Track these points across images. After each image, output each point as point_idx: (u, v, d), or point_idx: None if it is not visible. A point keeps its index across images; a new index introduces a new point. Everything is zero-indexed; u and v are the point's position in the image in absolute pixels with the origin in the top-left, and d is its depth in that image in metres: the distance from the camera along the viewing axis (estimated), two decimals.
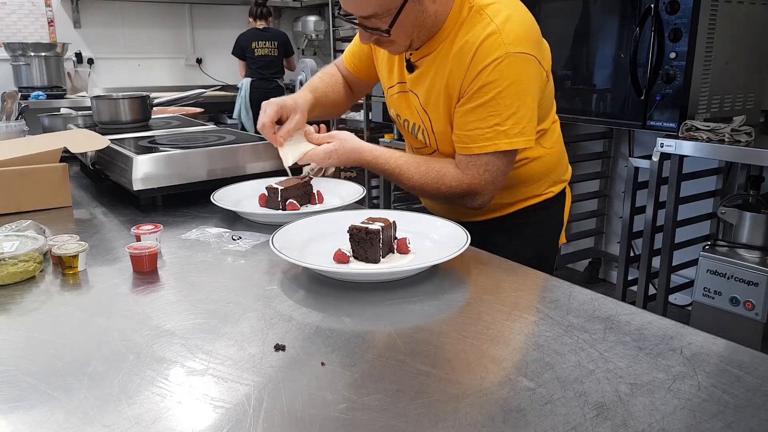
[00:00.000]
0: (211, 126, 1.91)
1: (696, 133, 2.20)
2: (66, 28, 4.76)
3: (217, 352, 0.74)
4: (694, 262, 2.31)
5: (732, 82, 2.41)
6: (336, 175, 1.48)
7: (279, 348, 0.74)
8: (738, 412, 0.61)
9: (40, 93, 4.17)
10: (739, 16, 2.35)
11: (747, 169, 2.60)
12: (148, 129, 1.79)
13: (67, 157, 1.40)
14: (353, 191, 1.35)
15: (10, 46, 4.29)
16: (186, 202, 1.38)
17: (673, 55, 2.26)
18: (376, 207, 3.95)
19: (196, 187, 1.39)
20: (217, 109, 4.86)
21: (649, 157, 2.41)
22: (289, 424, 0.60)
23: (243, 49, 4.71)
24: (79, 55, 4.79)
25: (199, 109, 2.59)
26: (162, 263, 1.04)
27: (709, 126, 2.17)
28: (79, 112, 2.02)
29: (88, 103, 3.59)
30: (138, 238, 1.06)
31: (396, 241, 1.02)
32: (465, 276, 0.99)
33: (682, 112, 2.28)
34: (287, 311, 0.85)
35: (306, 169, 1.39)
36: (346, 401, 0.63)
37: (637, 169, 2.58)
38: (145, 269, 0.99)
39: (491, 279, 0.98)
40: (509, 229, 1.35)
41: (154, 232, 1.08)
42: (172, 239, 1.15)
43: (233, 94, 4.86)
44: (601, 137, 3.30)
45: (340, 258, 0.98)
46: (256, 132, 1.41)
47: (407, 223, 1.10)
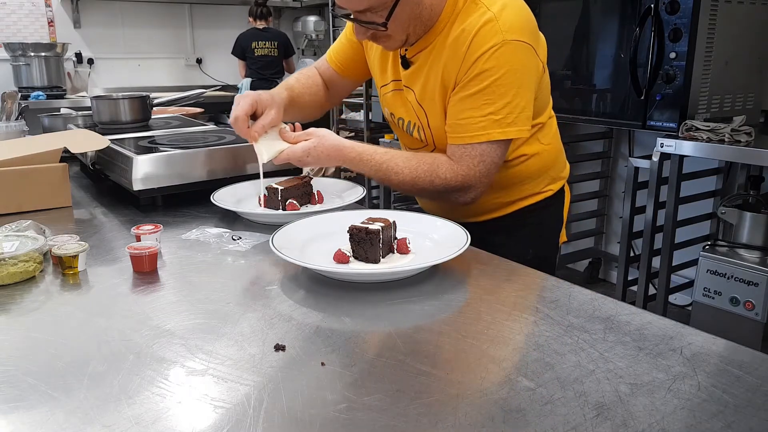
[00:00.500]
0: (211, 126, 1.91)
1: (696, 133, 2.20)
2: (66, 28, 4.76)
3: (217, 352, 0.74)
4: (694, 262, 2.31)
5: (732, 82, 2.41)
6: (336, 175, 1.48)
7: (279, 348, 0.74)
8: (738, 412, 0.61)
9: (40, 93, 4.17)
10: (739, 16, 2.35)
11: (747, 169, 2.60)
12: (148, 129, 1.79)
13: (67, 157, 1.40)
14: (353, 191, 1.35)
15: (10, 46, 4.29)
16: (186, 202, 1.38)
17: (673, 55, 2.26)
18: (376, 207, 3.95)
19: (196, 187, 1.39)
20: (217, 109, 4.85)
21: (649, 157, 2.41)
22: (289, 424, 0.60)
23: (243, 49, 4.71)
24: (79, 55, 4.79)
25: (199, 109, 2.59)
26: (162, 263, 1.04)
27: (709, 126, 2.17)
28: (79, 112, 2.02)
29: (88, 103, 3.59)
30: (138, 238, 1.06)
31: (396, 241, 1.02)
32: (465, 276, 0.99)
33: (682, 112, 2.28)
34: (287, 311, 0.85)
35: (306, 168, 1.39)
36: (346, 401, 0.63)
37: (637, 169, 2.57)
38: (145, 269, 0.99)
39: (491, 279, 0.98)
40: (509, 229, 1.34)
41: (154, 232, 1.08)
42: (172, 239, 1.15)
43: (233, 94, 4.83)
44: (601, 137, 3.30)
45: (340, 258, 0.97)
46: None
47: (407, 223, 1.10)
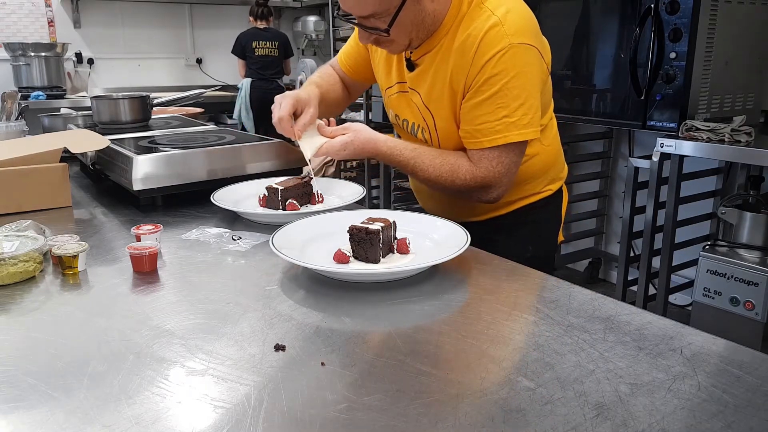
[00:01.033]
0: (211, 126, 1.92)
1: (696, 133, 2.20)
2: (66, 28, 4.76)
3: (217, 352, 0.74)
4: (694, 262, 2.31)
5: (732, 82, 2.41)
6: (336, 175, 1.48)
7: (279, 348, 0.74)
8: (738, 412, 0.61)
9: (40, 93, 4.17)
10: (739, 16, 2.35)
11: (747, 169, 2.60)
12: (148, 129, 1.79)
13: (67, 157, 1.40)
14: (353, 191, 1.35)
15: (10, 46, 4.29)
16: (186, 202, 1.38)
17: (673, 55, 2.26)
18: (376, 207, 3.95)
19: (196, 187, 1.39)
20: (217, 109, 4.86)
21: (649, 157, 2.41)
22: (289, 424, 0.60)
23: (243, 48, 4.70)
24: (79, 55, 4.79)
25: (199, 109, 2.59)
26: (162, 263, 1.04)
27: (709, 126, 2.17)
28: (79, 112, 2.02)
29: (88, 103, 3.59)
30: (138, 238, 1.06)
31: (396, 241, 1.02)
32: (465, 276, 0.99)
33: (682, 112, 2.28)
34: (287, 311, 0.85)
35: (306, 169, 1.39)
36: (346, 401, 0.63)
37: (637, 169, 2.57)
38: (145, 269, 0.99)
39: (491, 279, 0.98)
40: (508, 228, 1.35)
41: (154, 232, 1.08)
42: (172, 239, 1.15)
43: (233, 94, 4.86)
44: (601, 137, 3.30)
45: (340, 258, 0.97)
46: (256, 132, 1.40)
47: (407, 223, 1.10)
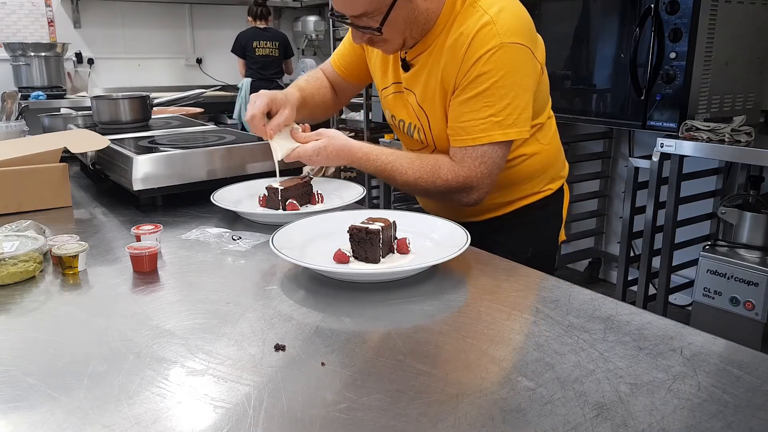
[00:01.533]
0: (211, 126, 1.92)
1: (696, 133, 2.20)
2: (66, 28, 4.76)
3: (217, 352, 0.74)
4: (694, 262, 2.31)
5: (732, 82, 2.41)
6: (336, 175, 1.48)
7: (279, 348, 0.74)
8: (738, 412, 0.61)
9: (40, 93, 4.17)
10: (739, 16, 2.35)
11: (747, 169, 2.60)
12: (148, 129, 1.79)
13: (67, 157, 1.40)
14: (353, 191, 1.35)
15: (10, 46, 4.29)
16: (186, 202, 1.38)
17: (673, 55, 2.26)
18: (376, 207, 3.94)
19: (196, 187, 1.39)
20: (217, 109, 4.86)
21: (649, 157, 2.41)
22: (289, 424, 0.60)
23: (243, 48, 4.70)
24: (79, 55, 4.79)
25: (199, 109, 2.59)
26: (162, 263, 1.04)
27: (709, 126, 2.17)
28: (79, 112, 2.02)
29: (88, 103, 3.59)
30: (138, 238, 1.06)
31: (396, 241, 1.02)
32: (465, 276, 0.99)
33: (682, 112, 2.28)
34: (287, 311, 0.85)
35: (306, 168, 1.39)
36: (346, 401, 0.63)
37: (637, 169, 2.57)
38: (145, 269, 0.99)
39: (491, 279, 0.98)
40: (509, 228, 1.35)
41: (154, 232, 1.08)
42: (172, 239, 1.15)
43: (233, 94, 4.86)
44: (601, 137, 3.30)
45: (340, 258, 0.97)
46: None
47: (407, 223, 1.09)
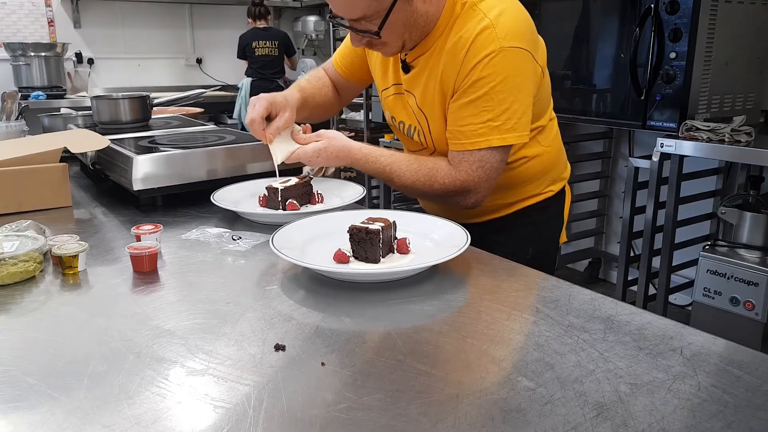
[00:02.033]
0: (211, 126, 1.92)
1: (696, 133, 2.20)
2: (66, 28, 4.76)
3: (217, 352, 0.74)
4: (694, 262, 2.31)
5: (732, 82, 2.41)
6: (336, 175, 1.48)
7: (279, 348, 0.74)
8: (738, 412, 0.61)
9: (40, 93, 4.17)
10: (739, 16, 2.35)
11: (747, 169, 2.60)
12: (148, 129, 1.79)
13: (67, 157, 1.40)
14: (353, 191, 1.35)
15: (10, 46, 4.29)
16: (186, 202, 1.38)
17: (673, 55, 2.26)
18: (376, 207, 3.94)
19: (196, 187, 1.39)
20: (217, 109, 4.86)
21: (649, 157, 2.41)
22: (289, 424, 0.60)
23: (244, 49, 4.71)
24: (79, 55, 4.79)
25: (199, 109, 2.59)
26: (162, 263, 1.04)
27: (709, 126, 2.17)
28: (79, 112, 2.02)
29: (88, 103, 3.59)
30: (138, 238, 1.06)
31: (396, 241, 1.02)
32: (465, 276, 0.99)
33: (682, 112, 2.28)
34: (287, 311, 0.85)
35: (306, 169, 1.39)
36: (346, 401, 0.63)
37: (637, 169, 2.58)
38: (145, 269, 0.99)
39: (491, 279, 0.98)
40: (509, 228, 1.34)
41: (154, 232, 1.08)
42: (172, 239, 1.15)
43: (233, 94, 4.86)
44: (601, 137, 3.30)
45: (340, 258, 0.97)
46: None
47: (407, 223, 1.09)
